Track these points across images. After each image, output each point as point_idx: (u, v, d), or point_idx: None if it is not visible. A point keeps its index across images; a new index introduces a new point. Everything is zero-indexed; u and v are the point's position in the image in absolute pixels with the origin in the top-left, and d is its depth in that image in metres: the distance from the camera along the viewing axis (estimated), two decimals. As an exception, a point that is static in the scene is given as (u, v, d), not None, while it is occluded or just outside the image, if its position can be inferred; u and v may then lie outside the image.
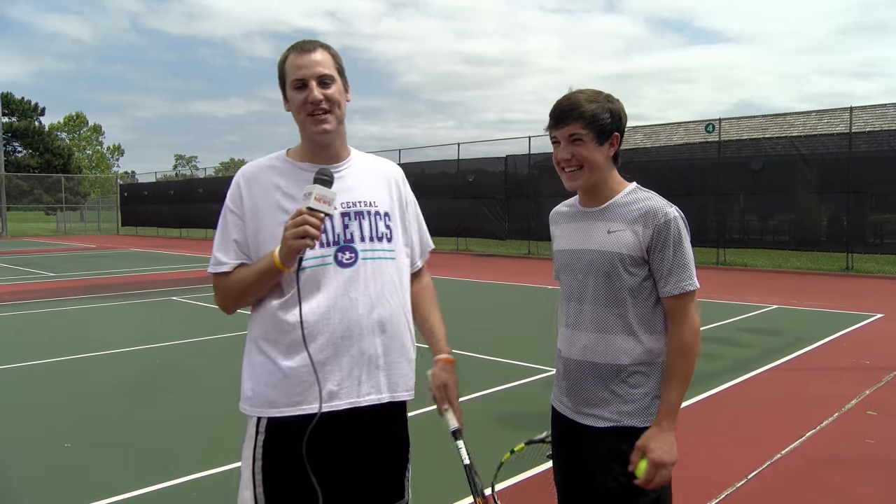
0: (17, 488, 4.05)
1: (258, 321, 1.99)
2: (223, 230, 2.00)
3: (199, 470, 4.18)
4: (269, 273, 1.89)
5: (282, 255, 1.84)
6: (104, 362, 7.27)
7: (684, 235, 1.99)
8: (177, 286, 13.96)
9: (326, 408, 1.88)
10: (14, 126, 59.64)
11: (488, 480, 3.94)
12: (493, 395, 5.63)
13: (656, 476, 1.92)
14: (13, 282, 15.29)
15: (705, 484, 3.90)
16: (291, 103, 1.98)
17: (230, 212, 2.00)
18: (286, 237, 1.80)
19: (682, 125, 22.74)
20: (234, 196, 2.00)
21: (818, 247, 17.07)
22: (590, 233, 2.07)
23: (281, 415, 1.91)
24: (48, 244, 30.74)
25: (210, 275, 2.03)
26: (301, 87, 1.94)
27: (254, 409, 1.96)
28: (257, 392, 1.95)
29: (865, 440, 4.66)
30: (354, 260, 1.96)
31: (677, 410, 1.98)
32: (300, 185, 1.92)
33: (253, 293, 1.96)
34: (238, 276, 1.96)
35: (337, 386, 1.91)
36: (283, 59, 1.98)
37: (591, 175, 2.03)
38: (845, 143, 15.77)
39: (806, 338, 7.99)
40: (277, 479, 1.92)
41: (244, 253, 1.97)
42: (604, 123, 1.99)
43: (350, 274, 1.95)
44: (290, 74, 1.96)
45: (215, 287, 2.03)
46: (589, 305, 2.05)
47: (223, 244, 1.99)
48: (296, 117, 1.99)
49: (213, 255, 2.00)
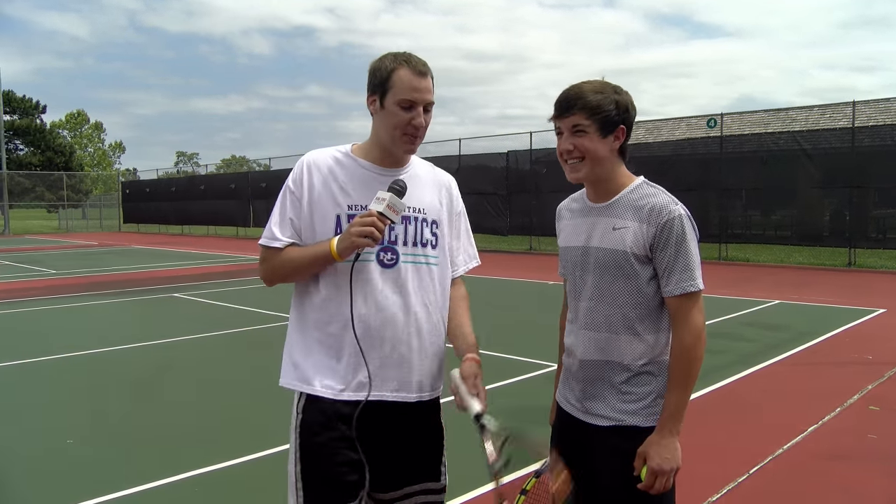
0: (20, 484, 4.06)
1: (306, 304, 2.07)
2: (282, 208, 2.07)
3: (201, 466, 4.18)
4: (323, 259, 1.98)
5: (340, 247, 1.93)
6: (106, 359, 7.28)
7: (689, 235, 1.94)
8: (179, 283, 13.97)
9: (354, 397, 1.98)
10: (16, 124, 59.66)
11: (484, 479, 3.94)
12: (495, 390, 5.64)
13: (656, 483, 1.91)
14: (16, 279, 15.31)
15: (708, 478, 3.89)
16: (390, 115, 2.00)
17: (291, 192, 2.06)
18: (351, 232, 1.90)
19: (684, 120, 22.62)
20: (297, 179, 2.06)
21: (821, 242, 17.02)
22: (595, 229, 2.04)
23: (315, 393, 2.00)
24: (50, 241, 30.77)
25: (260, 246, 2.09)
26: (409, 107, 1.99)
27: (290, 382, 2.06)
28: (297, 367, 2.05)
29: (868, 435, 4.66)
30: (395, 261, 2.04)
31: (680, 415, 1.93)
32: (357, 181, 2.05)
33: (301, 274, 2.05)
34: (290, 254, 2.03)
35: (366, 378, 1.99)
36: (390, 69, 2.00)
37: (594, 167, 1.99)
38: (848, 138, 15.73)
39: (808, 333, 7.98)
40: (313, 457, 2.00)
41: (297, 233, 2.05)
42: (608, 115, 1.95)
43: (390, 274, 2.03)
44: (400, 91, 1.98)
45: (264, 259, 2.09)
46: (594, 303, 2.02)
47: (281, 220, 2.05)
48: (387, 127, 2.02)
49: (269, 228, 2.06)
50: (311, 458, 2.00)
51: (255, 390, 5.89)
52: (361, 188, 2.04)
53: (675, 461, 1.90)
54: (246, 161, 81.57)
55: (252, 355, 7.37)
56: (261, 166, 52.41)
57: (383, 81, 2.00)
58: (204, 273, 16.11)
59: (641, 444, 1.94)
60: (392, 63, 2.01)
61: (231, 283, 13.64)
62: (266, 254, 2.08)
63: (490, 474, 1.99)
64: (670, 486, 1.93)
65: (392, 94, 1.99)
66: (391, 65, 2.01)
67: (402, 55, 2.03)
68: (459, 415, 2.08)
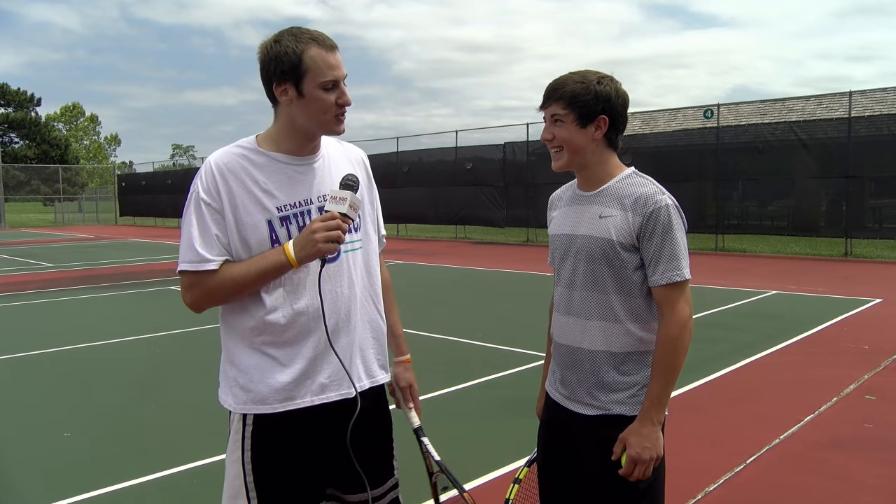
0: (18, 477, 4.06)
1: (244, 319, 1.90)
2: (201, 223, 1.84)
3: (200, 458, 4.19)
4: (277, 270, 1.83)
5: (302, 255, 1.80)
6: (103, 352, 7.27)
7: (675, 224, 1.94)
8: (175, 276, 13.87)
9: (318, 400, 1.90)
10: (10, 117, 59.45)
11: (478, 469, 3.95)
12: (492, 382, 5.63)
13: (635, 471, 1.92)
14: (12, 272, 15.27)
15: (705, 468, 3.90)
16: (313, 101, 1.84)
17: (206, 205, 1.85)
18: (315, 239, 1.77)
19: (681, 111, 22.63)
20: (210, 188, 1.86)
21: (817, 232, 17.06)
22: (582, 217, 2.04)
23: (272, 411, 1.88)
24: (46, 235, 30.70)
25: (183, 272, 1.87)
26: (332, 87, 1.85)
27: (241, 407, 1.91)
28: (246, 389, 1.90)
29: (864, 424, 4.68)
30: (338, 255, 1.93)
31: (662, 404, 1.94)
32: (279, 180, 1.89)
33: (246, 291, 1.86)
34: (229, 273, 1.83)
35: (328, 379, 1.92)
36: (300, 51, 1.82)
37: (573, 157, 2.01)
38: (844, 128, 15.72)
39: (805, 323, 8.00)
40: (268, 475, 1.91)
41: (225, 249, 1.86)
42: (585, 104, 1.95)
43: (334, 269, 1.92)
44: (319, 73, 1.83)
45: (191, 286, 1.87)
46: (581, 291, 2.03)
47: (205, 239, 1.84)
48: (312, 113, 1.86)
49: (193, 250, 1.83)
50: (268, 473, 1.91)
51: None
52: (286, 186, 1.89)
53: (655, 450, 1.92)
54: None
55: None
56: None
57: (294, 67, 1.82)
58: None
59: (622, 432, 1.96)
60: (297, 44, 1.82)
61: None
62: (193, 279, 1.85)
63: (430, 483, 2.14)
64: (650, 474, 1.94)
65: (310, 78, 1.82)
66: (298, 46, 1.82)
67: (303, 33, 1.85)
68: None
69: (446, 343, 7.19)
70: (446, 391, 5.35)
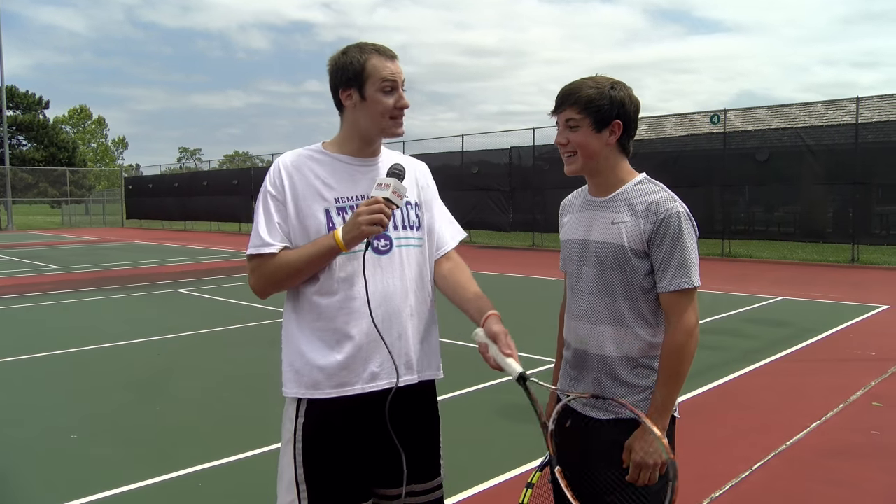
0: (25, 479, 4.07)
1: (301, 303, 2.04)
2: (266, 214, 2.02)
3: (205, 461, 4.20)
4: (328, 254, 1.95)
5: (348, 237, 1.91)
6: (110, 354, 7.30)
7: (686, 232, 1.94)
8: (181, 279, 13.99)
9: (369, 388, 1.98)
10: (19, 119, 59.62)
11: (489, 473, 3.94)
12: (499, 386, 5.62)
13: (640, 476, 1.92)
14: (19, 274, 15.34)
15: (711, 474, 3.89)
16: (374, 104, 2.01)
17: (272, 197, 2.03)
18: (359, 222, 1.88)
19: (687, 116, 22.63)
20: (276, 182, 2.04)
21: (824, 238, 17.01)
22: (594, 223, 2.05)
23: (326, 396, 1.98)
24: (53, 237, 30.83)
25: (250, 257, 2.03)
26: (391, 90, 2.02)
27: (295, 391, 2.02)
28: (300, 373, 2.01)
29: (871, 431, 4.66)
30: (390, 247, 2.04)
31: (667, 411, 1.95)
32: (338, 175, 2.04)
33: (301, 276, 2.00)
34: (286, 258, 1.99)
35: (379, 367, 2.00)
36: (363, 60, 2.00)
37: (587, 161, 2.02)
38: (852, 134, 15.68)
39: (811, 329, 7.98)
40: (318, 469, 1.99)
41: (286, 237, 2.01)
42: (600, 109, 1.96)
43: (385, 261, 2.03)
44: (377, 76, 2.00)
45: (255, 269, 2.03)
46: (592, 296, 2.04)
47: (268, 226, 2.01)
48: (373, 115, 2.02)
49: (258, 236, 2.01)
50: (318, 462, 1.99)
51: (259, 386, 5.89)
52: (344, 180, 2.05)
53: (659, 455, 1.92)
54: (249, 157, 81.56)
55: (255, 351, 7.38)
56: (263, 162, 52.42)
57: (358, 74, 2.01)
58: (207, 269, 16.14)
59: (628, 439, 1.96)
60: (361, 54, 2.02)
61: (234, 279, 13.62)
62: (258, 262, 2.02)
63: (545, 435, 2.03)
64: (656, 479, 1.94)
65: (371, 83, 2.00)
66: (362, 56, 2.02)
67: (367, 45, 2.05)
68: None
69: (453, 347, 7.25)
70: (453, 395, 5.34)
